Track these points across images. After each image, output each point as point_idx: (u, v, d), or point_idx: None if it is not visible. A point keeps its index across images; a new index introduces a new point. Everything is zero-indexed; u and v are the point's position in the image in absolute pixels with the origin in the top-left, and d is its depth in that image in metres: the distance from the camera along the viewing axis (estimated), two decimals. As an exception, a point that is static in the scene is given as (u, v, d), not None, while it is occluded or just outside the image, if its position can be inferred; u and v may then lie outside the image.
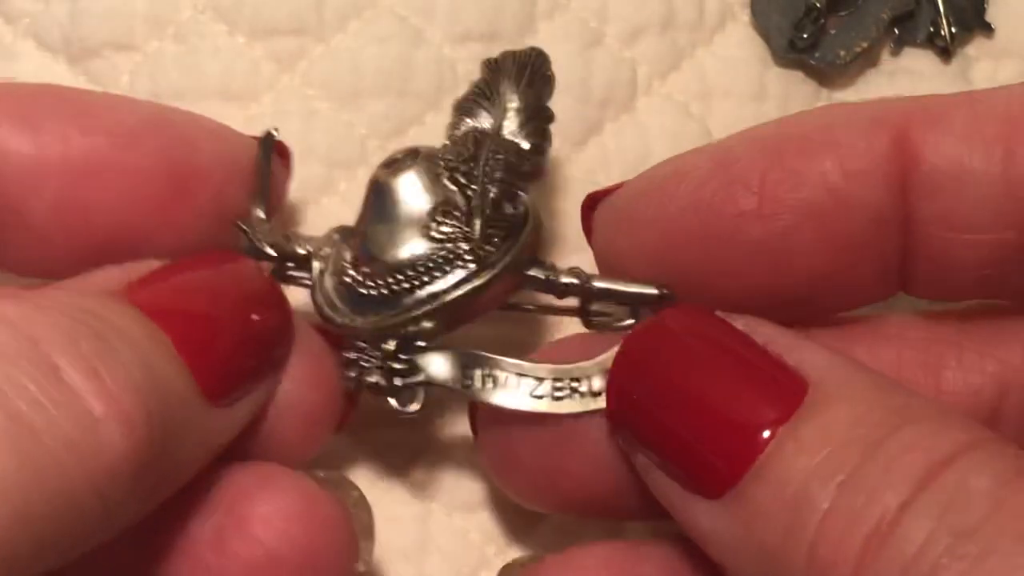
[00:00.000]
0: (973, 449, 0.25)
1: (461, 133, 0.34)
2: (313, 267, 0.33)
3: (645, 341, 0.30)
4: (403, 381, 0.32)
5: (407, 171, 0.32)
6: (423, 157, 0.33)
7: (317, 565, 0.30)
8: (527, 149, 0.34)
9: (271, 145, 0.34)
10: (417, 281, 0.31)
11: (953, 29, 0.40)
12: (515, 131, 0.34)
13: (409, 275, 0.32)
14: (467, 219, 0.32)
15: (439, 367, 0.32)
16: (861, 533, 0.25)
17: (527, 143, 0.34)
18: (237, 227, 0.33)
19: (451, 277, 0.31)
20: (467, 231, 0.32)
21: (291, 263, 0.33)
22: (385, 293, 0.32)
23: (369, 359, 0.32)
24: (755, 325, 0.29)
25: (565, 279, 0.32)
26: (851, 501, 0.25)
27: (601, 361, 0.31)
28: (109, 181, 0.31)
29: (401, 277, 0.32)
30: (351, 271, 0.32)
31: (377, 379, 0.32)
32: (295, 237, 0.33)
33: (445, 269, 0.31)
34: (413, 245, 0.32)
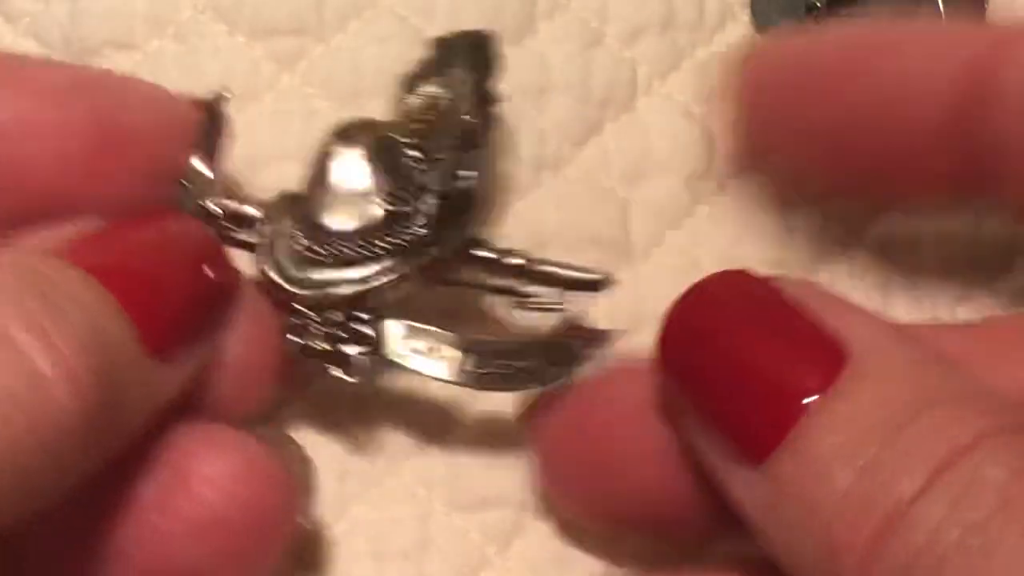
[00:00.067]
0: (994, 437, 0.25)
1: (412, 109, 0.34)
2: (259, 231, 0.33)
3: (690, 305, 0.30)
4: (347, 350, 0.32)
5: (359, 143, 0.33)
6: (375, 129, 0.33)
7: (261, 523, 0.30)
8: (476, 129, 0.34)
9: (220, 106, 0.34)
10: (365, 252, 0.32)
11: (953, 29, 0.40)
12: (465, 111, 0.34)
13: (356, 247, 0.32)
14: (416, 195, 0.32)
15: (383, 337, 0.32)
16: (874, 519, 0.25)
17: (475, 123, 0.34)
18: (180, 186, 0.33)
19: (398, 251, 0.32)
20: (416, 207, 0.32)
21: (236, 224, 0.33)
22: (331, 263, 0.32)
23: (314, 326, 0.32)
24: (803, 291, 0.29)
25: (509, 260, 0.33)
26: (868, 486, 0.25)
27: (539, 343, 0.32)
28: (40, 141, 0.31)
29: (347, 248, 0.32)
30: (298, 239, 0.33)
31: (321, 346, 0.32)
32: (241, 198, 0.34)
33: (393, 243, 0.32)
34: (361, 217, 0.32)
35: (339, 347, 0.32)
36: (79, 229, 0.30)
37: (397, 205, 0.32)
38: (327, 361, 0.32)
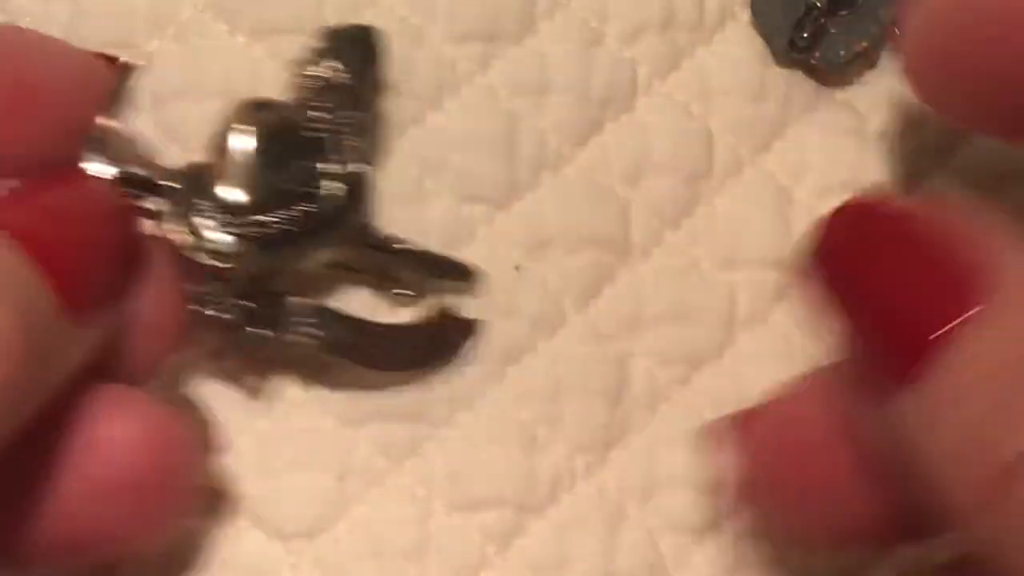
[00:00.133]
0: None
1: (308, 94, 0.36)
2: (165, 198, 0.34)
3: (838, 225, 0.30)
4: (242, 321, 0.34)
5: (259, 122, 0.34)
6: (275, 110, 0.35)
7: (166, 483, 0.31)
8: (365, 118, 0.36)
9: (129, 71, 0.35)
10: (258, 228, 0.33)
11: (953, 29, 0.40)
12: (357, 99, 0.36)
13: (251, 221, 0.33)
14: (308, 177, 0.34)
15: (277, 311, 0.34)
16: (996, 466, 0.24)
17: (364, 113, 0.36)
18: (91, 146, 0.33)
19: (289, 231, 0.34)
20: (309, 190, 0.34)
21: (143, 190, 0.34)
22: (228, 235, 0.33)
23: (212, 296, 0.34)
24: (956, 217, 0.28)
25: (392, 245, 0.35)
26: (996, 428, 0.24)
27: (411, 328, 0.35)
28: None
29: (244, 222, 0.33)
30: (199, 211, 0.34)
31: (218, 316, 0.34)
32: (149, 165, 0.34)
33: (285, 222, 0.34)
34: (258, 195, 0.34)
35: (235, 318, 0.34)
36: None
37: (292, 185, 0.34)
38: (224, 330, 0.34)
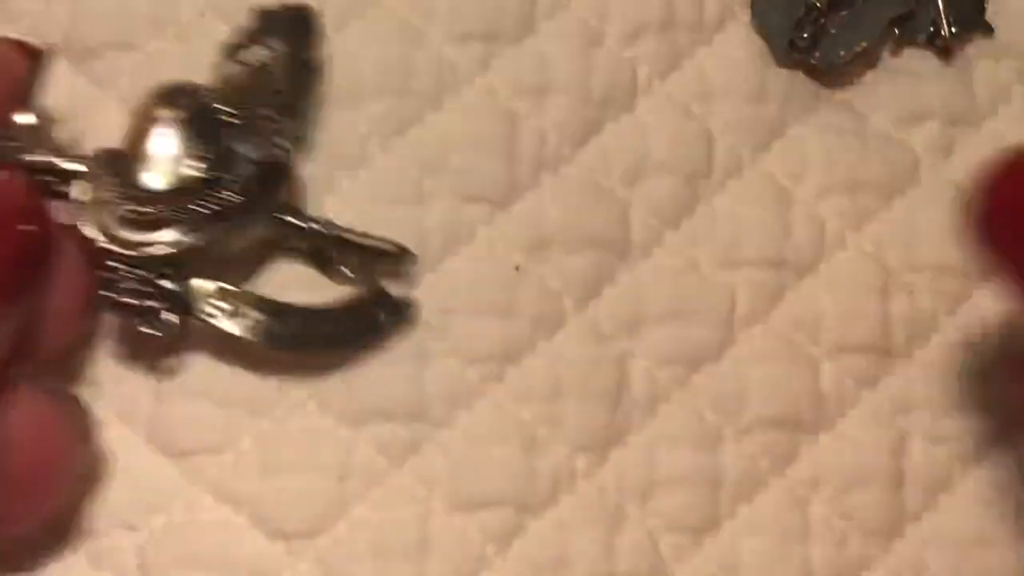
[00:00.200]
0: None
1: (232, 77, 0.36)
2: (78, 186, 0.34)
3: (1007, 184, 0.30)
4: (152, 305, 0.34)
5: (178, 106, 0.34)
6: (194, 94, 0.35)
7: (49, 473, 0.32)
8: (291, 100, 0.36)
9: (45, 59, 0.35)
10: (173, 214, 0.34)
11: (953, 29, 0.40)
12: (280, 81, 0.36)
13: (170, 208, 0.34)
14: (231, 161, 0.34)
15: (191, 296, 0.34)
16: None
17: (292, 95, 0.36)
18: (3, 137, 0.34)
19: (208, 215, 0.34)
20: (230, 173, 0.34)
21: (57, 177, 0.34)
22: (146, 223, 0.34)
23: (125, 282, 0.34)
24: None
25: (314, 227, 0.35)
26: None
27: (340, 309, 0.35)
28: None
29: (158, 208, 0.34)
30: (116, 196, 0.34)
31: (128, 300, 0.34)
32: (63, 152, 0.35)
33: (204, 206, 0.34)
34: (172, 179, 0.34)
35: (148, 304, 0.34)
36: None
37: (211, 170, 0.34)
38: (136, 316, 0.34)
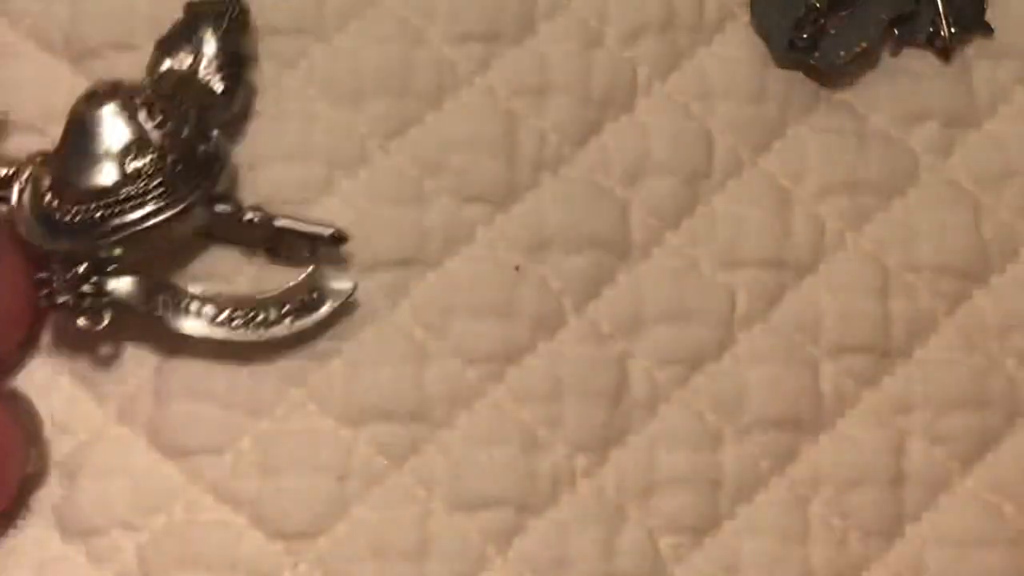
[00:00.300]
0: None
1: (161, 72, 0.36)
2: (13, 188, 0.35)
3: None
4: (90, 302, 0.34)
5: (106, 104, 0.35)
6: (123, 91, 0.35)
7: None
8: (220, 92, 0.36)
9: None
10: (109, 211, 0.34)
11: (953, 29, 0.40)
12: (211, 74, 0.36)
13: (103, 204, 0.34)
14: (160, 155, 0.34)
15: (126, 291, 0.35)
16: None
17: (221, 86, 0.36)
18: None
19: (142, 209, 0.34)
20: (160, 166, 0.34)
21: None
22: (79, 220, 0.34)
23: (61, 280, 0.34)
24: None
25: (249, 216, 0.36)
26: None
27: (277, 296, 0.35)
28: None
29: (95, 206, 0.34)
30: (48, 196, 0.34)
31: (66, 299, 0.34)
32: None
33: (137, 201, 0.34)
34: (108, 176, 0.34)
35: (85, 300, 0.34)
36: None
37: (142, 166, 0.34)
38: (74, 312, 0.34)
